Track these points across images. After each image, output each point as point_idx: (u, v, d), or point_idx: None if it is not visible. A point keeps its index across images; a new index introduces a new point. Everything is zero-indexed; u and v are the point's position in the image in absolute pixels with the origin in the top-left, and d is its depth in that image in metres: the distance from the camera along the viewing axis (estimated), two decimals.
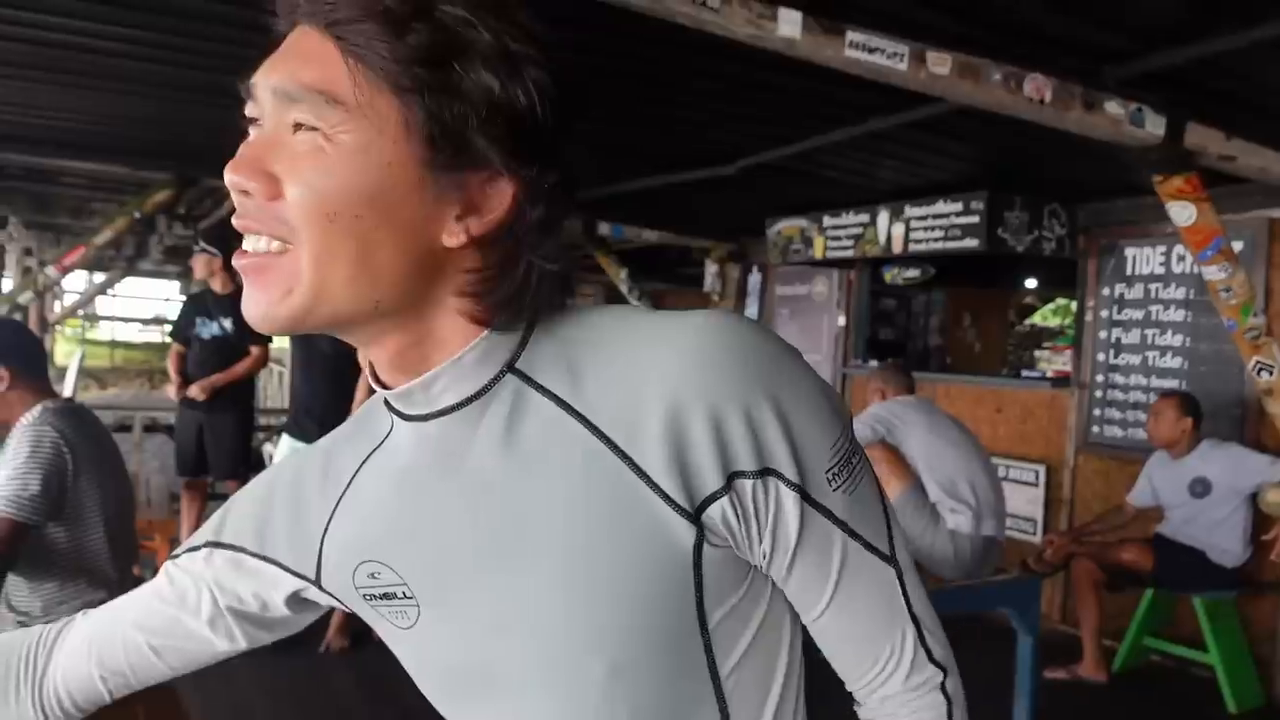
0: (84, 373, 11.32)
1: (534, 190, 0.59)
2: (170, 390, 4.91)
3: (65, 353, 14.64)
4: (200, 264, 4.91)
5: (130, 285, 19.15)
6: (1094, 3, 2.58)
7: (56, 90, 4.07)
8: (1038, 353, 9.42)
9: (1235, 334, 3.50)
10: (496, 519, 0.63)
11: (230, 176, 0.59)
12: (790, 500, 0.60)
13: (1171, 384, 4.63)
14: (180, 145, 5.12)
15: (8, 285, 8.28)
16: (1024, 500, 5.18)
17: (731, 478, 0.59)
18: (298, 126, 0.58)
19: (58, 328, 14.65)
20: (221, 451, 4.83)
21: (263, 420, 7.34)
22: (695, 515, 0.60)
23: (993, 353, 8.32)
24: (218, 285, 4.94)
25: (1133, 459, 4.55)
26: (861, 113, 3.68)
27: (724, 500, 0.60)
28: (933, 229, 5.15)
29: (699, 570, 0.61)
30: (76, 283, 13.51)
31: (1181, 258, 4.61)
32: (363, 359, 0.67)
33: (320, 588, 0.75)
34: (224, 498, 5.40)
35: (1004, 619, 3.12)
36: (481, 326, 0.63)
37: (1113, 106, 2.92)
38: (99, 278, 12.31)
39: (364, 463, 0.72)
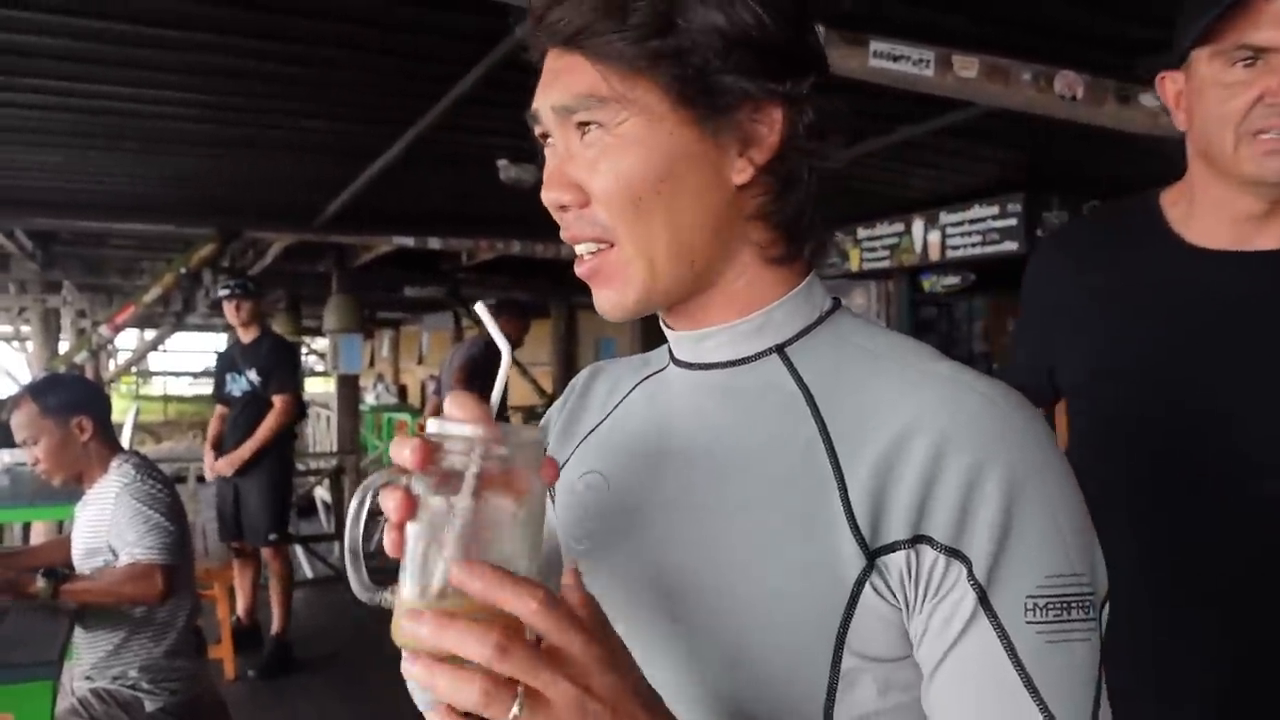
0: (138, 428, 11.60)
1: (797, 100, 0.61)
2: (205, 460, 4.52)
3: (120, 409, 15.01)
4: (228, 309, 4.44)
5: (179, 340, 19.66)
6: None
7: (104, 156, 4.22)
8: None
9: None
10: (700, 472, 0.64)
11: (547, 195, 0.64)
12: (965, 595, 0.55)
13: None
14: (222, 200, 5.27)
15: (64, 347, 8.53)
16: None
17: (918, 538, 0.55)
18: (582, 129, 0.62)
19: (112, 385, 15.03)
20: (252, 514, 4.36)
21: (312, 465, 7.43)
22: (871, 553, 0.56)
23: None
24: (244, 334, 4.47)
25: None
26: (890, 121, 3.66)
27: (905, 554, 0.56)
28: (970, 234, 5.09)
29: (851, 609, 0.57)
30: (128, 340, 13.89)
31: None
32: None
33: (552, 489, 0.77)
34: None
35: None
36: (773, 261, 0.65)
37: (1148, 99, 2.87)
38: (149, 334, 12.64)
39: (637, 385, 0.75)
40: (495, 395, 0.62)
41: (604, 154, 0.61)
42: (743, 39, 0.59)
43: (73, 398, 2.37)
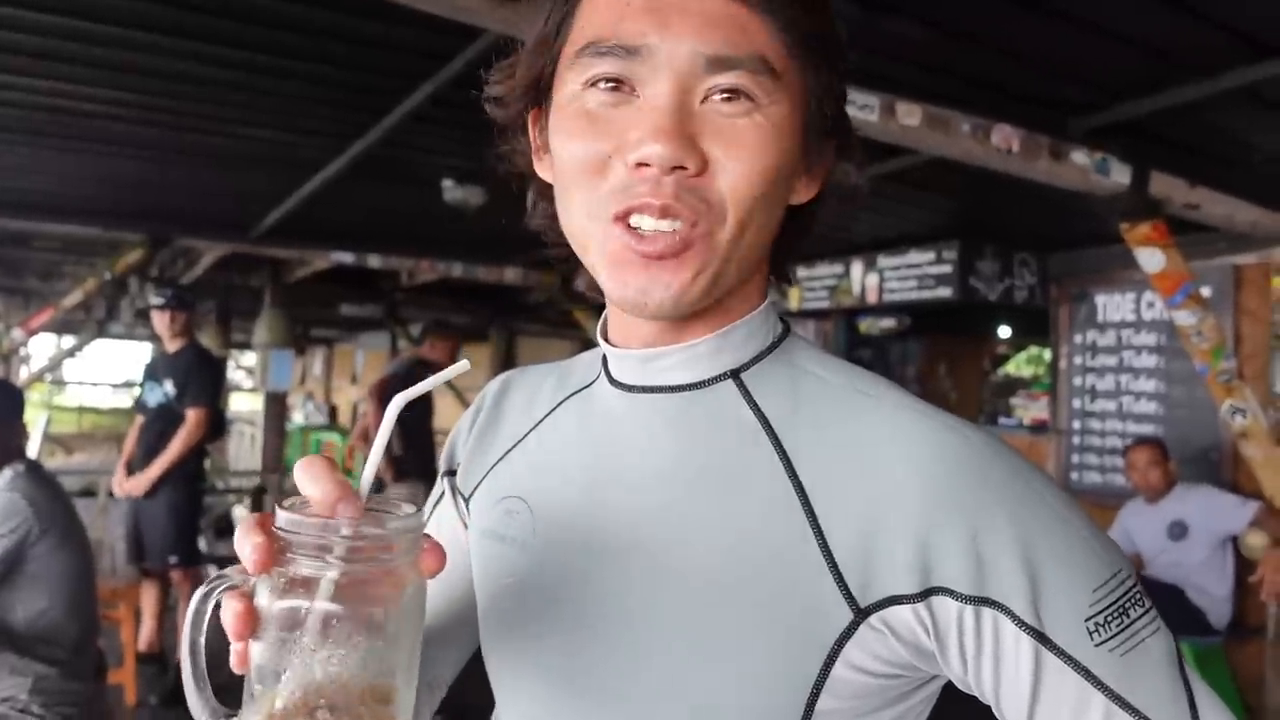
0: (49, 438, 11.08)
1: (848, 146, 0.64)
2: (115, 477, 4.26)
3: (30, 418, 14.35)
4: (158, 320, 4.27)
5: (100, 349, 18.94)
6: (1059, 57, 2.65)
7: (31, 152, 4.05)
8: (1013, 400, 9.50)
9: (1208, 378, 3.54)
10: (646, 510, 0.59)
11: (663, 150, 0.52)
12: (1018, 641, 0.51)
13: (1147, 429, 4.66)
14: (154, 207, 5.10)
15: None
16: None
17: (932, 591, 0.52)
18: (720, 94, 0.54)
19: (24, 392, 14.34)
20: (152, 534, 4.10)
21: (234, 483, 7.19)
22: (862, 606, 0.53)
23: (969, 401, 8.36)
24: (169, 345, 4.30)
25: (1113, 505, 4.55)
26: None
27: (913, 608, 0.52)
28: (906, 279, 5.20)
29: (830, 664, 0.53)
30: (45, 347, 13.33)
31: (1151, 304, 4.68)
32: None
33: (467, 507, 0.73)
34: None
35: None
36: (755, 284, 0.63)
37: (1079, 156, 2.98)
38: (68, 342, 12.13)
39: (562, 402, 0.70)
40: (368, 472, 0.49)
41: (754, 131, 0.54)
42: (844, 75, 0.61)
43: None
